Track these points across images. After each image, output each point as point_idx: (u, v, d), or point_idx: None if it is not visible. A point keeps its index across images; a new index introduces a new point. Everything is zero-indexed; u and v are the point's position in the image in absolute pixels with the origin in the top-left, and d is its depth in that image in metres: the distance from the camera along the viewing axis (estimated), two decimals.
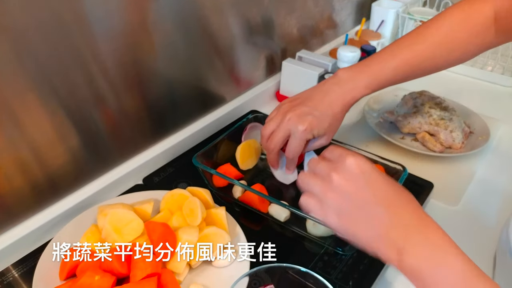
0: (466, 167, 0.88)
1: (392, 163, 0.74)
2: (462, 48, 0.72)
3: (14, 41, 0.57)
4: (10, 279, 0.62)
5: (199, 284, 0.59)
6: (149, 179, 0.81)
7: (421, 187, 0.80)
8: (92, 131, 0.72)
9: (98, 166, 0.76)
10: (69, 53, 0.63)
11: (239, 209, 0.74)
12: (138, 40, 0.72)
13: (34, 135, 0.64)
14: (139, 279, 0.54)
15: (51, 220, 0.69)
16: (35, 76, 0.61)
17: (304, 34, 1.17)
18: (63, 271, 0.58)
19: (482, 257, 0.69)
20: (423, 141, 0.91)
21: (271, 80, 1.10)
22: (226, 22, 0.89)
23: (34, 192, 0.67)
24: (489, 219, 0.77)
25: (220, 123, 0.96)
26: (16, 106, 0.60)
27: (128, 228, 0.61)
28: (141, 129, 0.81)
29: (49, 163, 0.68)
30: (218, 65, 0.93)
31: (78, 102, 0.68)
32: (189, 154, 0.88)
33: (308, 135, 0.69)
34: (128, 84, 0.74)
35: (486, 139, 0.91)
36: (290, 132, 0.69)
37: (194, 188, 0.69)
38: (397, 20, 1.33)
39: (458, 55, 0.72)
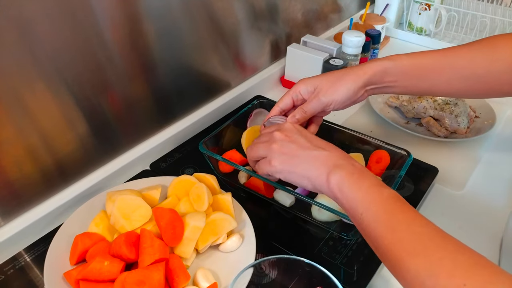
0: (472, 151, 0.88)
1: (397, 148, 0.74)
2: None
3: (22, 30, 0.57)
4: (22, 264, 0.63)
5: (206, 268, 0.60)
6: (156, 164, 0.82)
7: (426, 172, 0.80)
8: (100, 118, 0.73)
9: (106, 152, 0.77)
10: (76, 41, 0.64)
11: (245, 195, 0.75)
12: (144, 27, 0.73)
13: (44, 122, 0.65)
14: (147, 264, 0.55)
15: (61, 205, 0.70)
16: (44, 65, 0.61)
17: (309, 19, 1.17)
18: (73, 256, 0.60)
19: (488, 241, 0.70)
20: (428, 126, 0.92)
21: (276, 65, 1.10)
22: (231, 7, 0.89)
23: (44, 178, 0.69)
24: (494, 204, 0.77)
25: (226, 109, 0.96)
26: (26, 94, 0.61)
27: (136, 214, 0.62)
28: (148, 115, 0.82)
29: (58, 150, 0.69)
30: (223, 51, 0.93)
31: (86, 90, 0.68)
32: (195, 139, 0.88)
33: (301, 86, 0.69)
34: (134, 71, 0.75)
35: (492, 123, 0.91)
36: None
37: (200, 174, 0.70)
38: (402, 3, 1.32)
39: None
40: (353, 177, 0.53)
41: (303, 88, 0.69)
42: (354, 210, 0.52)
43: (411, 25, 1.33)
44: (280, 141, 0.60)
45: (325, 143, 0.60)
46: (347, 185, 0.53)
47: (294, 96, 0.70)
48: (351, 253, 0.66)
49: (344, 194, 0.53)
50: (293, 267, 0.53)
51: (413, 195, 0.76)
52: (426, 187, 0.77)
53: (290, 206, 0.71)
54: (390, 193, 0.52)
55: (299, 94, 0.70)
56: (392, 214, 0.49)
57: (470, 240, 0.69)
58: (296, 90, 0.70)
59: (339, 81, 0.68)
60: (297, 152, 0.59)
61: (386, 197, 0.51)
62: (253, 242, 0.63)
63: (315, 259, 0.53)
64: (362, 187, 0.53)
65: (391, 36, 1.35)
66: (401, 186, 0.77)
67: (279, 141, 0.60)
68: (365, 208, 0.51)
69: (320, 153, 0.57)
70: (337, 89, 0.68)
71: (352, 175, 0.54)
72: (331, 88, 0.68)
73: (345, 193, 0.53)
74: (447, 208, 0.76)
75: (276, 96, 1.01)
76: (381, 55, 1.19)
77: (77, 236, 0.60)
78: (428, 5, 1.26)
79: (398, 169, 0.71)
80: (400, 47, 1.32)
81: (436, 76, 0.68)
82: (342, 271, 0.63)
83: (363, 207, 0.51)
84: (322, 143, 0.60)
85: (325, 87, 0.68)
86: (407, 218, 0.49)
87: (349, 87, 0.67)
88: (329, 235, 0.68)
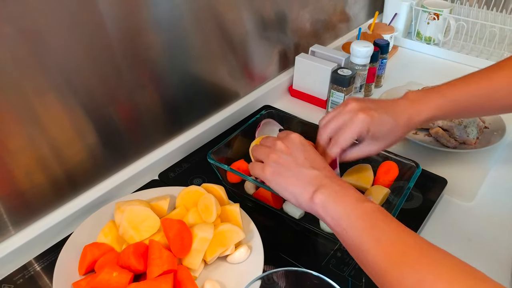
0: (481, 162, 0.88)
1: (406, 159, 0.74)
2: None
3: (34, 42, 0.58)
4: (32, 273, 0.64)
5: (214, 280, 0.60)
6: (165, 174, 0.83)
7: (435, 183, 0.80)
8: (109, 128, 0.74)
9: (115, 162, 0.78)
10: (86, 53, 0.65)
11: (253, 205, 0.75)
12: (153, 38, 0.73)
13: (54, 133, 0.66)
14: (155, 275, 0.55)
15: (71, 215, 0.71)
16: (55, 76, 0.62)
17: (317, 29, 1.17)
18: (82, 266, 0.60)
19: (499, 254, 0.69)
20: (436, 136, 0.91)
21: (284, 75, 1.10)
22: (240, 18, 0.90)
23: (53, 188, 0.69)
24: (504, 215, 0.76)
25: (234, 118, 0.97)
26: (36, 105, 0.62)
27: (145, 225, 0.62)
28: (156, 125, 0.82)
29: (68, 160, 0.69)
30: (232, 61, 0.94)
31: (95, 100, 0.69)
32: (204, 149, 0.89)
33: (363, 128, 0.64)
34: (143, 82, 0.76)
35: (502, 134, 0.90)
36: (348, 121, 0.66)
37: (209, 184, 0.70)
38: (411, 13, 1.32)
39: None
40: (337, 195, 0.55)
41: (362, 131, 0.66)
42: (338, 227, 0.53)
43: (419, 35, 1.33)
44: (280, 151, 0.61)
45: (322, 164, 0.60)
46: (331, 202, 0.54)
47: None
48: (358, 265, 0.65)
49: (328, 212, 0.54)
50: (301, 280, 0.53)
51: (421, 206, 0.75)
52: (435, 199, 0.77)
53: (299, 218, 0.71)
54: (373, 207, 0.53)
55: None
56: (376, 226, 0.51)
57: (480, 252, 0.69)
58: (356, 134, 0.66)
59: (390, 134, 0.67)
60: (291, 166, 0.60)
61: (369, 211, 0.52)
62: (261, 254, 0.63)
63: (323, 271, 0.54)
64: (346, 204, 0.54)
65: (400, 45, 1.35)
66: (410, 198, 0.76)
67: (278, 152, 0.62)
68: (348, 224, 0.52)
69: (311, 172, 0.58)
70: (386, 144, 0.68)
71: (336, 193, 0.55)
72: (383, 141, 0.68)
73: (329, 211, 0.54)
74: (456, 219, 0.76)
75: (284, 106, 1.02)
76: (390, 65, 1.20)
77: (86, 246, 0.61)
78: (437, 14, 1.26)
79: (407, 181, 0.71)
80: (408, 56, 1.32)
81: (476, 111, 0.73)
82: (350, 283, 0.63)
83: (347, 223, 0.52)
84: (319, 164, 0.60)
85: (376, 137, 0.67)
86: (391, 230, 0.50)
87: (398, 139, 0.69)
88: (337, 246, 0.68)
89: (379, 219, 0.51)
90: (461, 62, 1.26)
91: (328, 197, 0.55)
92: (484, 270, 0.43)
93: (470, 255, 0.68)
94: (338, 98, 0.97)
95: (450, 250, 0.47)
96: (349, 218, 0.52)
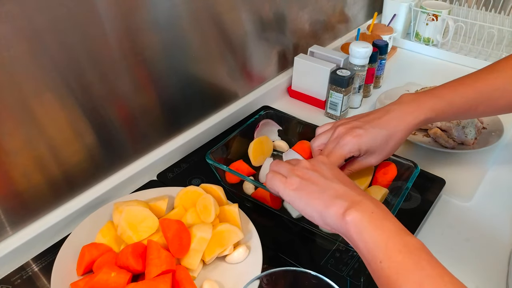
0: (479, 163, 0.88)
1: (404, 160, 0.74)
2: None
3: (31, 41, 0.58)
4: (29, 273, 0.63)
5: (213, 280, 0.60)
6: (163, 175, 0.83)
7: (433, 184, 0.80)
8: (107, 129, 0.73)
9: (114, 162, 0.78)
10: (84, 53, 0.65)
11: (252, 206, 0.75)
12: (151, 38, 0.73)
13: (52, 133, 0.66)
14: (154, 275, 0.55)
15: (69, 216, 0.71)
16: (52, 76, 0.62)
17: (316, 29, 1.17)
18: (80, 266, 0.60)
19: (496, 254, 0.69)
20: (435, 137, 0.91)
21: (283, 75, 1.10)
22: (239, 18, 0.90)
23: (51, 188, 0.69)
24: (502, 215, 0.77)
25: (233, 119, 0.97)
26: (34, 105, 0.62)
27: (143, 225, 0.62)
28: (155, 125, 0.82)
29: (66, 160, 0.69)
30: (231, 61, 0.94)
31: (93, 101, 0.69)
32: (202, 149, 0.89)
33: (352, 149, 0.65)
34: (142, 82, 0.76)
35: (500, 134, 0.91)
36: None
37: (207, 185, 0.70)
38: (410, 13, 1.33)
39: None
40: (374, 217, 0.50)
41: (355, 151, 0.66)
42: (372, 256, 0.48)
43: (418, 35, 1.33)
44: (305, 168, 0.58)
45: (352, 183, 0.57)
46: (367, 226, 0.49)
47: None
48: (357, 264, 0.65)
49: (362, 235, 0.49)
50: (299, 280, 0.53)
51: (420, 206, 0.75)
52: (433, 199, 0.77)
53: (297, 218, 0.71)
54: (417, 243, 0.48)
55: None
56: (420, 268, 0.45)
57: (477, 252, 0.69)
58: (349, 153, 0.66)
59: (385, 145, 0.67)
60: (317, 181, 0.56)
61: (412, 247, 0.47)
62: (259, 254, 0.63)
63: (322, 270, 0.53)
64: (384, 230, 0.49)
65: (399, 46, 1.35)
66: (408, 198, 0.76)
67: (303, 168, 0.58)
68: (386, 256, 0.47)
69: (342, 187, 0.54)
70: (384, 154, 0.68)
71: (373, 214, 0.50)
72: (380, 153, 0.67)
73: (364, 235, 0.49)
74: (454, 220, 0.76)
75: (283, 107, 1.02)
76: (389, 66, 1.20)
77: (84, 246, 0.61)
78: (436, 15, 1.26)
79: (405, 181, 0.71)
80: (407, 57, 1.32)
81: (473, 112, 0.71)
82: (349, 283, 0.63)
83: (384, 254, 0.47)
84: (350, 182, 0.57)
85: (370, 151, 0.67)
86: (436, 275, 0.45)
87: (397, 146, 0.68)
88: (336, 246, 0.68)
89: (424, 260, 0.46)
90: (459, 63, 1.26)
91: (363, 217, 0.50)
92: (482, 270, 0.43)
93: (467, 255, 0.69)
94: (337, 98, 0.97)
95: (448, 250, 0.46)
96: (388, 249, 0.47)
